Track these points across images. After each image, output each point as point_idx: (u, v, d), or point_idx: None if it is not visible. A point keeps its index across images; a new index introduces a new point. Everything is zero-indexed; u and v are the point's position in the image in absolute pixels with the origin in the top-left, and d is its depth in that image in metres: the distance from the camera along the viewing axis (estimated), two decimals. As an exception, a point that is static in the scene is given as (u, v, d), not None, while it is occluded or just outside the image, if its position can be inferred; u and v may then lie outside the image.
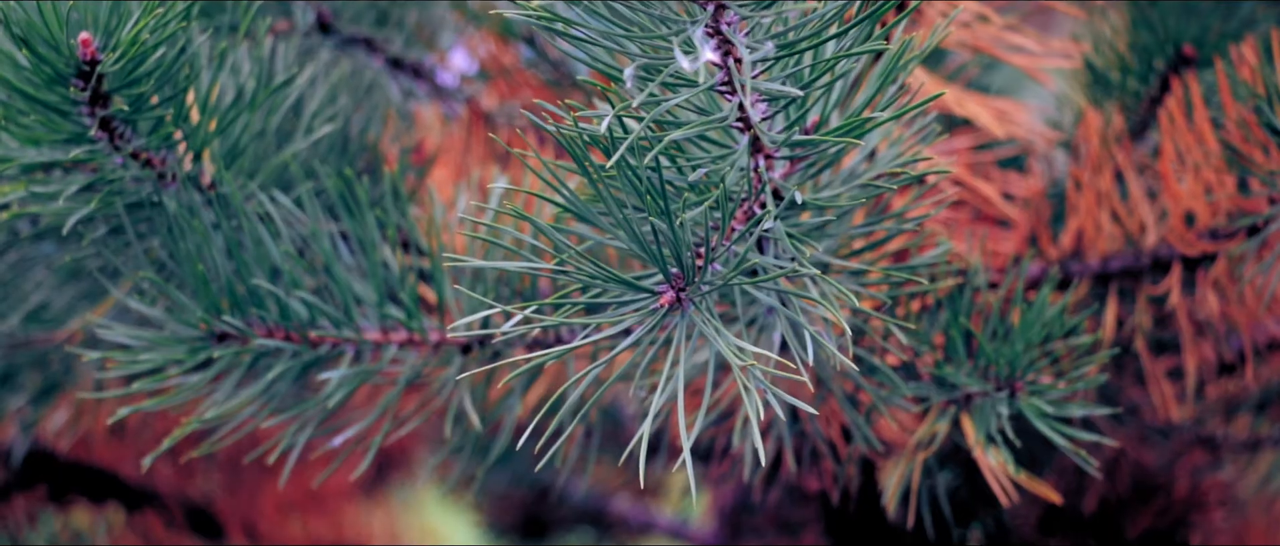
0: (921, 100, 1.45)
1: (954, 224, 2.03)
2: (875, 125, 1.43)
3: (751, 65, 1.38)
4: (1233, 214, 1.92)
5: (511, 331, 1.46)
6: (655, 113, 1.38)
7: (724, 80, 1.39)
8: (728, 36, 1.35)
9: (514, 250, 1.49)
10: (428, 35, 2.18)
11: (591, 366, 1.46)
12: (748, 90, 1.36)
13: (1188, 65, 2.03)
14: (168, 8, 1.55)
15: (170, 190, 1.70)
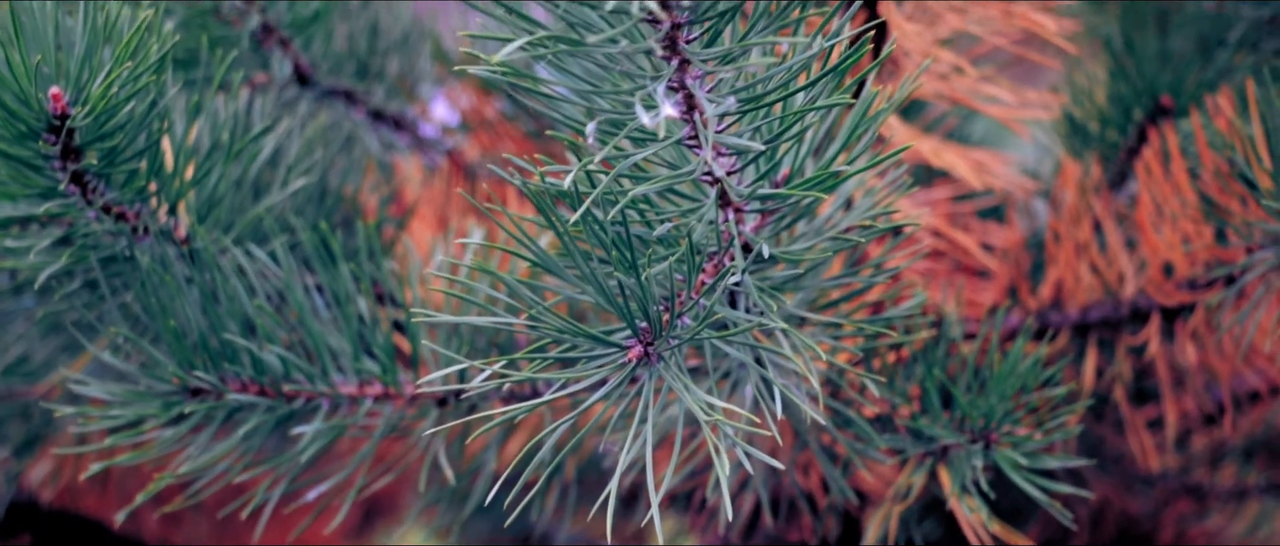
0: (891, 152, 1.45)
1: (933, 274, 2.03)
2: (844, 179, 1.43)
3: (717, 119, 1.38)
4: (1210, 264, 1.91)
5: (481, 387, 1.46)
6: (620, 168, 1.38)
7: (691, 134, 1.39)
8: (691, 91, 1.35)
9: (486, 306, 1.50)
10: (409, 86, 2.18)
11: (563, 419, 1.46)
12: (711, 145, 1.36)
13: (1165, 116, 2.03)
14: (139, 61, 1.55)
15: (144, 244, 1.70)
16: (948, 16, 1.89)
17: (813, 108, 1.38)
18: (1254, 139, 1.80)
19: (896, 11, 1.86)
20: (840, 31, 1.37)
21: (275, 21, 1.95)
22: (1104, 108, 2.07)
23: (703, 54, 1.34)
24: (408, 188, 2.15)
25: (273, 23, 1.94)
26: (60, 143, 1.57)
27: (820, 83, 1.40)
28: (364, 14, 2.12)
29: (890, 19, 1.86)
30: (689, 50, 1.33)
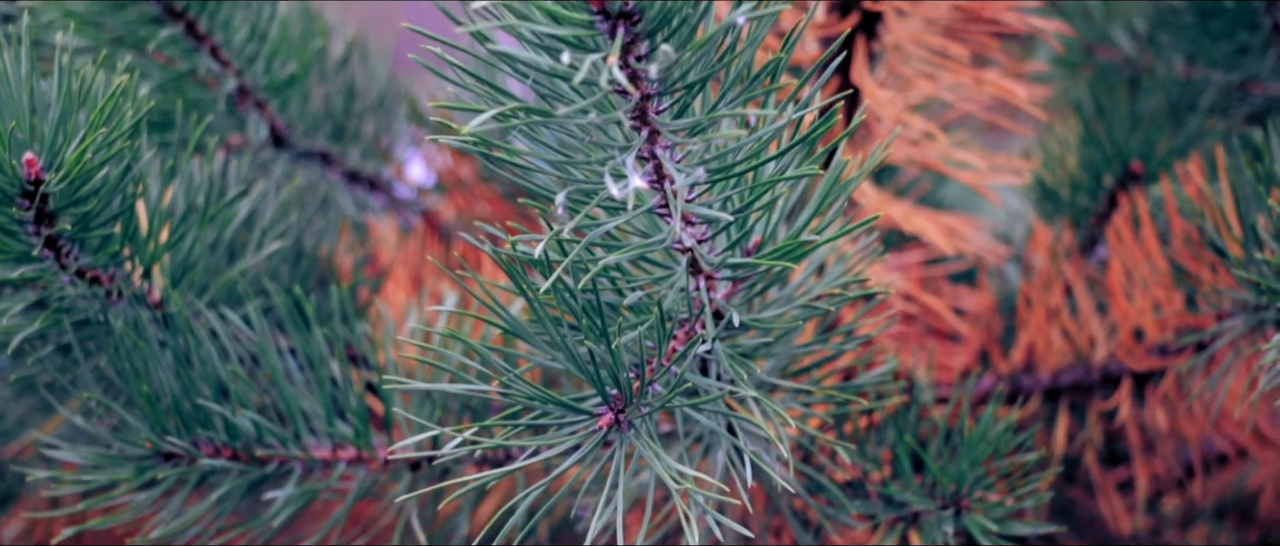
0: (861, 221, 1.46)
1: (904, 338, 2.04)
2: (813, 248, 1.44)
3: (687, 188, 1.39)
4: (1181, 330, 1.93)
5: (452, 454, 1.46)
6: (591, 237, 1.39)
7: (662, 202, 1.40)
8: (661, 161, 1.36)
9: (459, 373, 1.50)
10: (384, 147, 2.19)
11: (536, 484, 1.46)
12: (680, 216, 1.37)
13: (1135, 182, 2.05)
14: (113, 127, 1.56)
15: (117, 308, 1.70)
16: (919, 83, 1.90)
17: (782, 178, 1.39)
18: (1223, 207, 1.82)
19: (868, 78, 1.88)
20: (809, 101, 1.38)
21: (252, 84, 1.96)
22: (1075, 173, 2.08)
23: (672, 125, 1.35)
24: (383, 249, 2.16)
25: (249, 85, 1.95)
26: (34, 208, 1.57)
27: (790, 152, 1.41)
28: (340, 75, 2.13)
29: (862, 85, 1.88)
30: (659, 120, 1.34)
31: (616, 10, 1.27)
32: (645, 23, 1.28)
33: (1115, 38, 2.23)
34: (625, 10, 1.27)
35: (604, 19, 1.28)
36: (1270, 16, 2.05)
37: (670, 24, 1.29)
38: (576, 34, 1.28)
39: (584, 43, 1.29)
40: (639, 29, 1.29)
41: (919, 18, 1.88)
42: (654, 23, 1.29)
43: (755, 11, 1.29)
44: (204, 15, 1.88)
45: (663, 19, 1.29)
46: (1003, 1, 1.86)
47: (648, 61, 1.30)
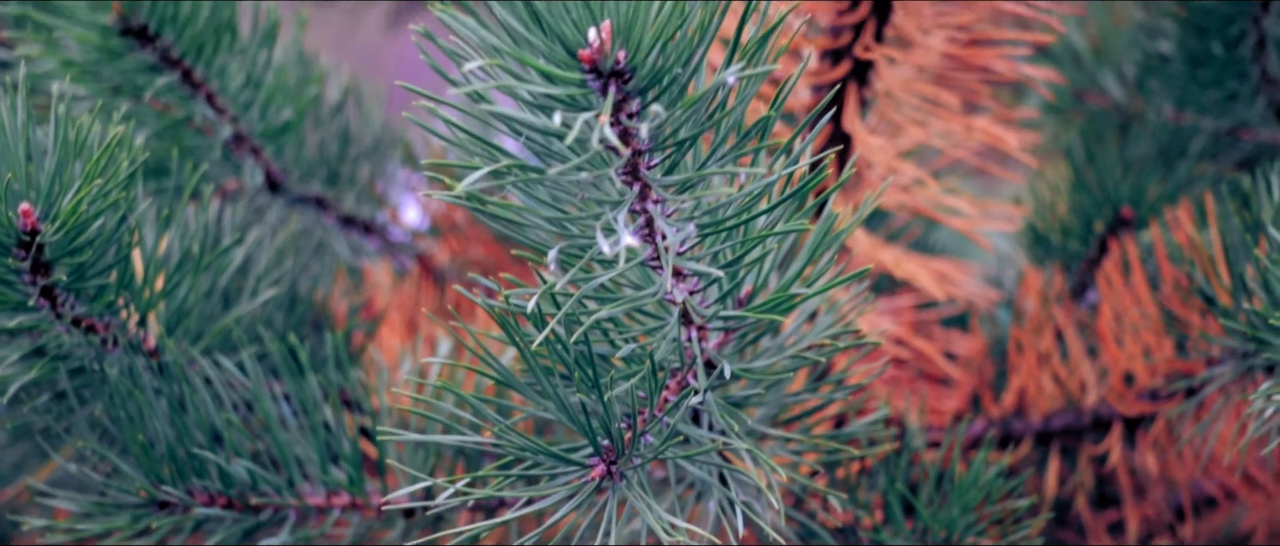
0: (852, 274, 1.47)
1: (896, 382, 2.05)
2: (802, 300, 1.45)
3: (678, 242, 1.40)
4: (1171, 376, 1.94)
5: (446, 504, 1.47)
6: (584, 290, 1.40)
7: (653, 255, 1.41)
8: (652, 216, 1.37)
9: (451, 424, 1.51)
10: (380, 191, 2.20)
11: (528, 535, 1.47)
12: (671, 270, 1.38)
13: (1126, 227, 2.06)
14: (109, 178, 1.57)
15: (113, 356, 1.71)
16: (910, 129, 1.91)
17: (772, 233, 1.40)
18: (1212, 255, 1.83)
19: (860, 125, 1.89)
20: (799, 157, 1.40)
21: (247, 130, 1.97)
22: (1066, 218, 2.10)
23: (663, 180, 1.36)
24: (377, 293, 2.17)
25: (245, 132, 1.97)
26: (30, 258, 1.58)
27: (781, 206, 1.42)
28: (336, 121, 2.14)
29: (854, 133, 1.89)
30: (650, 176, 1.35)
31: (608, 69, 1.28)
32: (636, 81, 1.30)
33: (1105, 84, 2.24)
34: (617, 69, 1.29)
35: (596, 77, 1.29)
36: (1258, 65, 2.06)
37: (661, 82, 1.31)
38: (569, 93, 1.29)
39: (577, 101, 1.30)
40: (630, 87, 1.30)
41: (910, 65, 1.90)
42: (645, 81, 1.30)
43: (745, 71, 1.30)
44: (200, 63, 1.89)
45: (654, 77, 1.30)
46: (992, 49, 1.87)
47: (639, 119, 1.32)
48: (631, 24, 1.27)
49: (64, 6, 1.82)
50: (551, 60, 1.30)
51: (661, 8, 1.27)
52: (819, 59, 1.90)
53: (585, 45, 1.28)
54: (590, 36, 1.28)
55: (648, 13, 1.27)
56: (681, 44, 1.30)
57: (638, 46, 1.28)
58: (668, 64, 1.30)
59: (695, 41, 1.31)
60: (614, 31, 1.28)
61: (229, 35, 1.90)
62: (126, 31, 1.83)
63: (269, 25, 1.95)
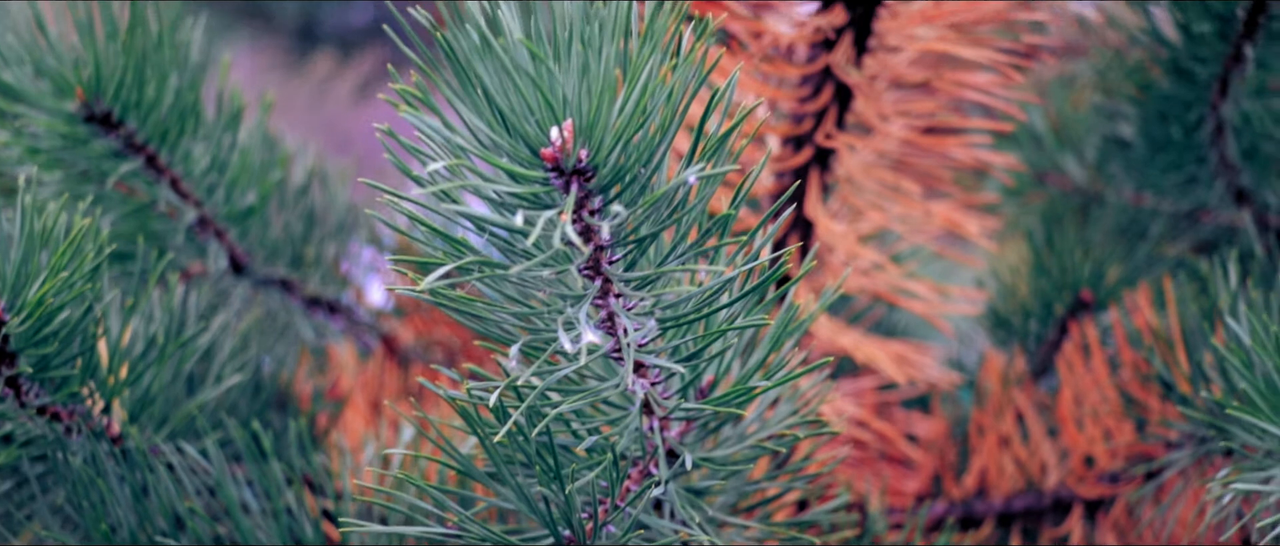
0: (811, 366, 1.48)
1: (860, 464, 2.06)
2: (762, 392, 1.46)
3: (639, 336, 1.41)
4: (1131, 458, 1.95)
5: (407, 594, 1.48)
6: (546, 383, 1.41)
7: (616, 347, 1.42)
8: (614, 311, 1.38)
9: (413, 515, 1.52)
10: (345, 272, 2.21)
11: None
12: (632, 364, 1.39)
13: (1085, 310, 2.08)
14: (74, 269, 1.57)
15: (76, 443, 1.71)
16: (871, 214, 1.93)
17: (733, 327, 1.41)
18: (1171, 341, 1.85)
19: (822, 210, 1.91)
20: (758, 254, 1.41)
21: (212, 214, 1.98)
22: (1027, 301, 2.11)
23: (625, 276, 1.37)
24: (343, 375, 2.17)
25: (209, 215, 1.97)
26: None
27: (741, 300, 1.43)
28: (301, 203, 2.14)
29: (815, 219, 1.90)
30: (611, 271, 1.36)
31: (571, 167, 1.30)
32: (599, 179, 1.31)
33: (1066, 166, 2.26)
34: (579, 168, 1.30)
35: (559, 176, 1.30)
36: (1216, 149, 2.08)
37: (623, 180, 1.32)
38: (533, 191, 1.30)
39: (540, 199, 1.31)
40: (592, 185, 1.31)
41: (871, 151, 1.91)
42: (607, 179, 1.31)
43: (705, 172, 1.32)
44: (165, 148, 1.90)
45: (616, 175, 1.31)
46: (952, 137, 1.89)
47: (601, 216, 1.33)
48: (593, 124, 1.29)
49: (28, 94, 1.82)
50: (515, 159, 1.31)
51: (623, 108, 1.29)
52: (781, 145, 1.91)
53: (548, 144, 1.29)
54: (552, 136, 1.29)
55: (609, 113, 1.29)
56: (643, 143, 1.31)
57: (599, 145, 1.29)
58: (629, 163, 1.31)
59: (656, 140, 1.32)
60: (576, 131, 1.29)
61: (194, 120, 1.91)
62: (91, 118, 1.84)
63: (233, 110, 1.96)
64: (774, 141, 1.91)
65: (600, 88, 1.28)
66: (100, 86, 1.82)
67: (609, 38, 1.29)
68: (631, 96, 1.28)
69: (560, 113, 1.29)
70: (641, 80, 1.28)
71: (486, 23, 1.32)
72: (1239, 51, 2.00)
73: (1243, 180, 2.11)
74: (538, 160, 1.30)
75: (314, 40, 3.72)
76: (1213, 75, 2.03)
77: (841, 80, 1.86)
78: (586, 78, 1.28)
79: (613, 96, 1.28)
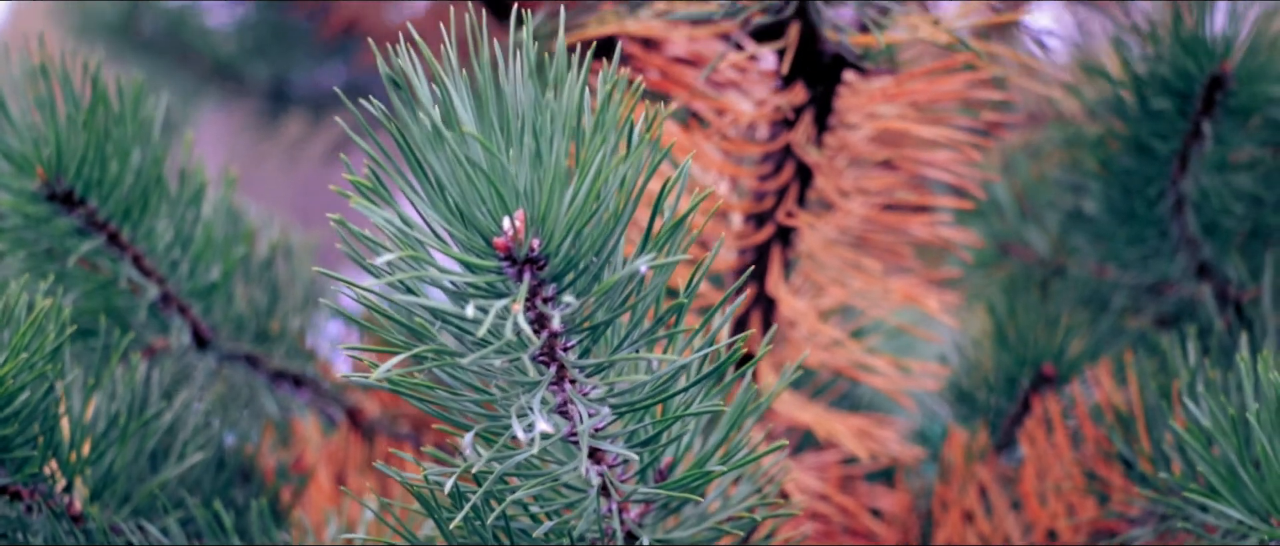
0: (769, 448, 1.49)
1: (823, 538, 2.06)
2: (718, 475, 1.47)
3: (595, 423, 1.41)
4: (1094, 533, 1.95)
5: None
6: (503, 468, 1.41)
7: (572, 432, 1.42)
8: (570, 397, 1.38)
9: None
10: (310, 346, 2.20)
11: None
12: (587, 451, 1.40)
13: (1048, 384, 2.08)
14: (35, 350, 1.57)
15: (37, 522, 1.71)
16: (832, 289, 1.94)
17: (688, 413, 1.41)
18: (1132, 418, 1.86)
19: (783, 287, 1.91)
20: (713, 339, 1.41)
21: (175, 289, 1.97)
22: (989, 375, 2.12)
23: (579, 363, 1.37)
24: (307, 448, 2.17)
25: (173, 292, 1.97)
26: (-48, 431, 1.58)
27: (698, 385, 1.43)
28: (266, 276, 2.14)
29: (777, 295, 1.91)
30: (565, 358, 1.37)
31: (523, 256, 1.30)
32: (551, 268, 1.32)
33: (1029, 238, 2.27)
34: (532, 256, 1.30)
35: (511, 264, 1.31)
36: (1177, 224, 2.10)
37: (576, 268, 1.33)
38: (487, 280, 1.31)
39: (494, 287, 1.32)
40: (545, 274, 1.32)
41: (832, 227, 1.92)
42: (560, 267, 1.32)
43: (657, 260, 1.32)
44: (127, 225, 1.90)
45: (568, 263, 1.32)
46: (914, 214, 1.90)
47: (554, 305, 1.33)
48: (546, 214, 1.29)
49: (-11, 172, 1.83)
50: (469, 248, 1.31)
51: (575, 197, 1.29)
52: (744, 222, 1.92)
53: (500, 233, 1.30)
54: (505, 225, 1.30)
55: (561, 203, 1.29)
56: (595, 232, 1.32)
57: (552, 235, 1.30)
58: (582, 251, 1.32)
59: (609, 229, 1.32)
60: (528, 221, 1.30)
61: (157, 196, 1.91)
62: (52, 197, 1.84)
63: (197, 186, 1.96)
64: (737, 218, 1.92)
65: (552, 178, 1.28)
66: (61, 165, 1.82)
67: (561, 128, 1.30)
68: (583, 187, 1.29)
69: (512, 203, 1.29)
70: (592, 171, 1.29)
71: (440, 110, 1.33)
72: (1198, 128, 2.01)
73: (1204, 254, 2.12)
74: (491, 249, 1.30)
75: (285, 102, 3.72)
76: (1172, 151, 2.05)
77: (802, 159, 1.87)
78: (538, 168, 1.29)
79: (564, 186, 1.29)
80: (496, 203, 1.29)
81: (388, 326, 1.37)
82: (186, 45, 3.64)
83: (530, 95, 1.33)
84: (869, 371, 1.96)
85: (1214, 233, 2.10)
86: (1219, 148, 2.03)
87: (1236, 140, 2.04)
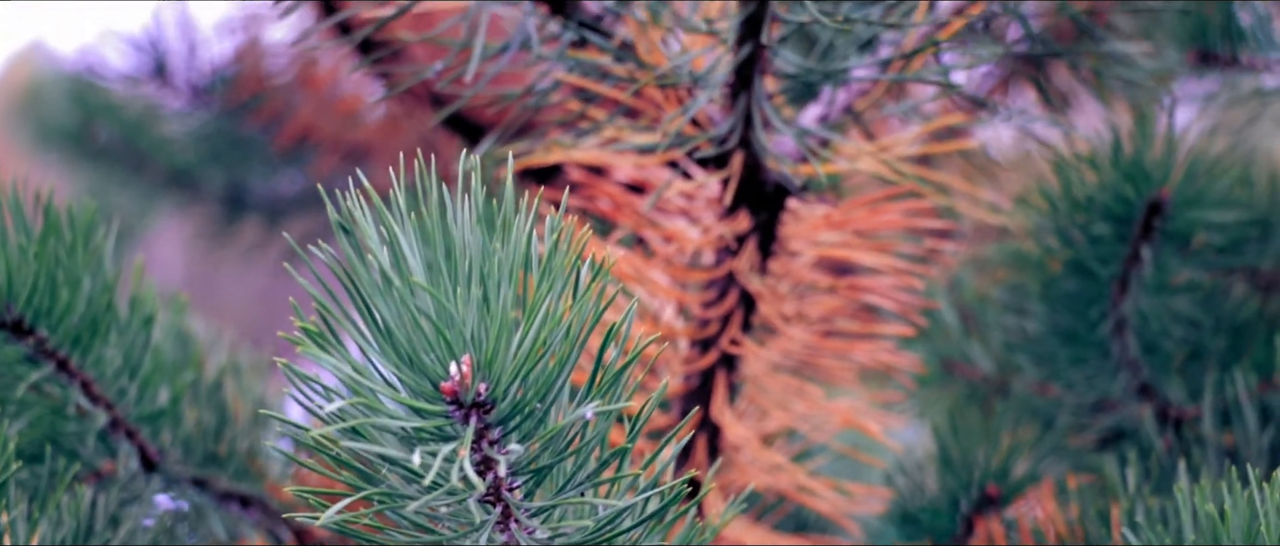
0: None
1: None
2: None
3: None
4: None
5: None
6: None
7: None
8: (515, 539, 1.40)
9: None
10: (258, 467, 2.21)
11: None
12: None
13: (991, 505, 2.10)
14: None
15: (-18, 653, 1.71)
16: (776, 413, 1.96)
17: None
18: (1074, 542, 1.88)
19: (728, 412, 1.93)
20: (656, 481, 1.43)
21: (124, 415, 1.98)
22: (934, 496, 2.14)
23: (525, 505, 1.39)
24: (256, 571, 2.17)
25: (121, 417, 1.98)
26: (-102, 565, 1.59)
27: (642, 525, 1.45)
28: (215, 398, 2.15)
29: (721, 421, 1.93)
30: (510, 499, 1.38)
31: (469, 401, 1.32)
32: (498, 412, 1.33)
33: (974, 356, 2.30)
34: (479, 401, 1.32)
35: (458, 408, 1.33)
36: (1118, 344, 2.13)
37: (522, 412, 1.34)
38: (435, 424, 1.32)
39: (441, 431, 1.33)
40: (492, 418, 1.33)
41: (777, 350, 1.94)
42: (506, 412, 1.34)
43: (602, 407, 1.34)
44: (76, 353, 1.90)
45: (515, 408, 1.34)
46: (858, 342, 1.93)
47: (500, 447, 1.35)
48: (492, 358, 1.31)
49: (-62, 301, 1.84)
50: (416, 392, 1.33)
51: (521, 343, 1.31)
52: (689, 347, 1.94)
53: (447, 378, 1.32)
54: (452, 370, 1.31)
55: (508, 348, 1.31)
56: (541, 376, 1.34)
57: (498, 380, 1.32)
58: (528, 397, 1.33)
59: (555, 373, 1.34)
60: (475, 366, 1.31)
61: (107, 324, 1.92)
62: (2, 326, 1.85)
63: (147, 314, 1.97)
64: (683, 344, 1.94)
65: (499, 324, 1.30)
66: (12, 294, 1.83)
67: (507, 275, 1.32)
68: (529, 333, 1.31)
69: (459, 348, 1.31)
70: (539, 317, 1.31)
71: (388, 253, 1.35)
72: (1137, 253, 2.05)
73: (1145, 375, 2.15)
74: (438, 394, 1.32)
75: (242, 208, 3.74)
76: (1113, 275, 2.08)
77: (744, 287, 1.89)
78: (486, 314, 1.31)
79: (511, 332, 1.31)
80: (444, 349, 1.31)
81: (335, 470, 1.39)
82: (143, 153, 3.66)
83: (478, 240, 1.35)
84: (812, 495, 1.97)
85: (1154, 354, 2.14)
86: (1158, 272, 2.07)
87: (1175, 264, 2.07)
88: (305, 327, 1.32)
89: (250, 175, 3.71)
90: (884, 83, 1.92)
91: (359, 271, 1.34)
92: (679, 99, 1.85)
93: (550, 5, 1.84)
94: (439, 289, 1.32)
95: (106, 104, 3.64)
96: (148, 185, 3.74)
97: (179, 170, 3.70)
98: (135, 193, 3.79)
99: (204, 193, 3.72)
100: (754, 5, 1.72)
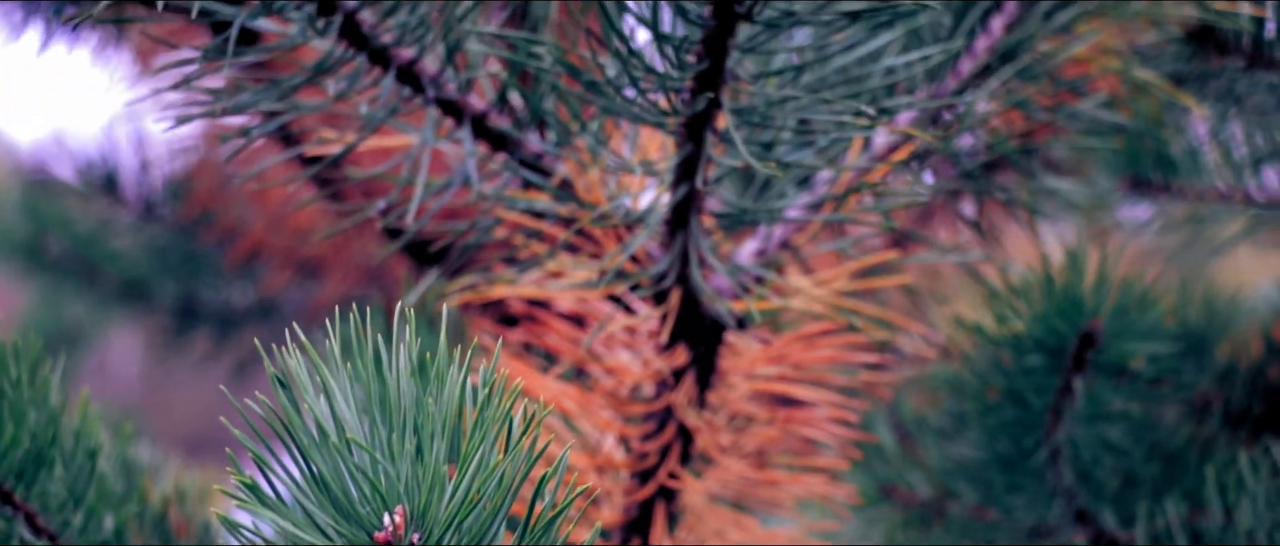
0: None
1: None
2: None
3: None
4: None
5: None
6: None
7: None
8: None
9: None
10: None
11: None
12: None
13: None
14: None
15: None
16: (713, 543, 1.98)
17: None
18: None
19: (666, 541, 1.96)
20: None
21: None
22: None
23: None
24: None
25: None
26: None
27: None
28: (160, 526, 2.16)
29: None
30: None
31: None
32: (431, 560, 1.36)
33: (912, 481, 2.33)
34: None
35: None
36: (1053, 472, 2.16)
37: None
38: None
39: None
40: (425, 568, 1.36)
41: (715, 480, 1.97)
42: (440, 559, 1.36)
43: None
44: (20, 486, 1.92)
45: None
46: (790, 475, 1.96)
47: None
48: (425, 509, 1.34)
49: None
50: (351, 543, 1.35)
51: (454, 494, 1.34)
52: (629, 478, 1.97)
53: (381, 529, 1.34)
54: (385, 521, 1.34)
55: (442, 499, 1.34)
56: (475, 525, 1.36)
57: (431, 530, 1.34)
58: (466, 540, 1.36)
59: (488, 522, 1.37)
60: (408, 517, 1.34)
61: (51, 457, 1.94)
62: (-55, 462, 1.87)
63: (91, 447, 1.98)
64: (623, 475, 1.97)
65: (432, 476, 1.33)
66: (-43, 429, 1.85)
67: (440, 427, 1.35)
68: (463, 484, 1.34)
69: (393, 499, 1.34)
70: (472, 468, 1.34)
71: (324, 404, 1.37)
72: (1069, 385, 2.09)
73: (1080, 502, 2.18)
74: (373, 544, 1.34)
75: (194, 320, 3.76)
76: (1046, 405, 2.12)
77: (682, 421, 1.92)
78: (419, 466, 1.34)
79: (444, 484, 1.34)
80: (377, 500, 1.33)
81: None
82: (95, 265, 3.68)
83: (412, 391, 1.37)
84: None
85: (1089, 481, 2.17)
86: (1091, 402, 2.10)
87: (1108, 394, 2.11)
88: (242, 480, 1.35)
89: (202, 288, 3.73)
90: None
91: (295, 423, 1.37)
92: (618, 236, 1.89)
93: (491, 144, 1.88)
94: (373, 440, 1.34)
95: (59, 215, 3.66)
96: (101, 295, 3.76)
97: (131, 282, 3.72)
98: (88, 302, 3.82)
99: (156, 304, 3.74)
100: (689, 148, 1.76)
